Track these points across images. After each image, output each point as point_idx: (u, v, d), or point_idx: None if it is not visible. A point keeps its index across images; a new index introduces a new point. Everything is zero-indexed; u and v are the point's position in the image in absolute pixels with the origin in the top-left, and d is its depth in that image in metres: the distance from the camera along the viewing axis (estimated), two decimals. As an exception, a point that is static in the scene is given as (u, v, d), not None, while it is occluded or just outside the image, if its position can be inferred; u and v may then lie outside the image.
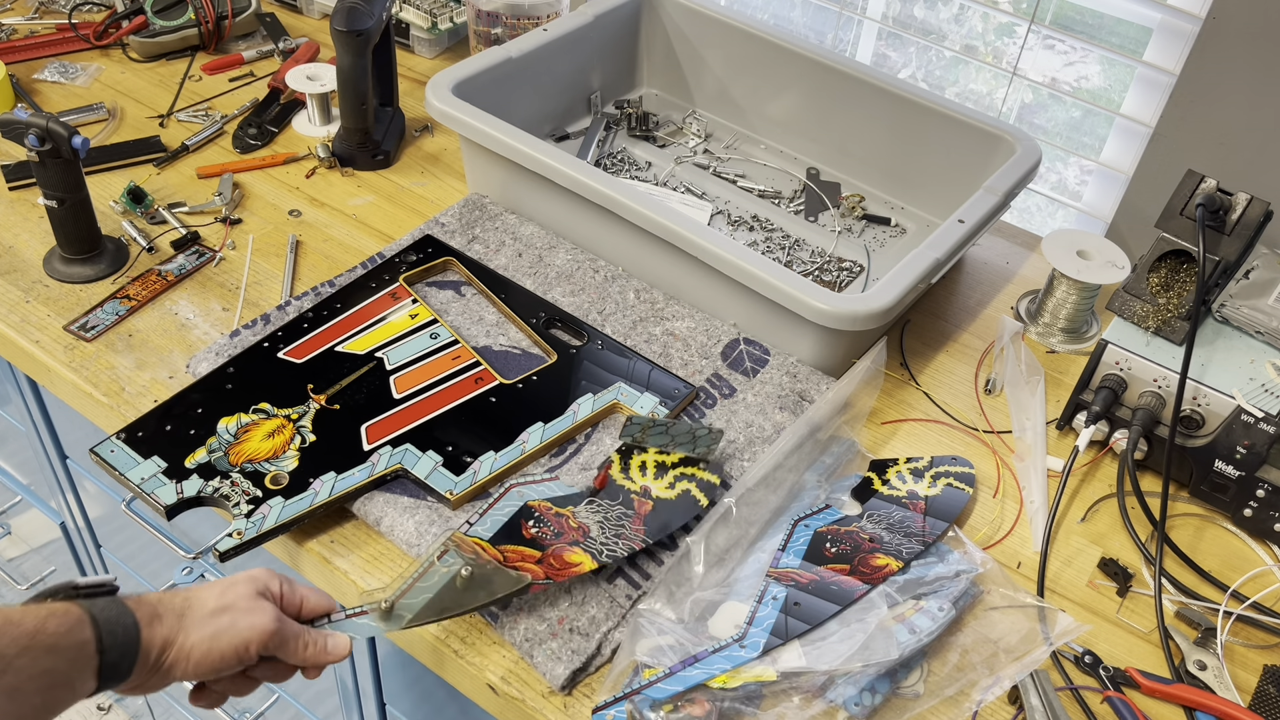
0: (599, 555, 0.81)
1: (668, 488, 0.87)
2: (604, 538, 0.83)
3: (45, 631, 0.58)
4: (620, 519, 0.85)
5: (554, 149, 1.07)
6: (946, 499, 0.90)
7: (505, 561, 0.79)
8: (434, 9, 1.43)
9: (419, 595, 0.75)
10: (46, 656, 0.57)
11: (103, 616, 0.61)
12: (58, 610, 0.60)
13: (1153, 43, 1.17)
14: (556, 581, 0.79)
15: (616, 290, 1.07)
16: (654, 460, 0.89)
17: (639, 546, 0.83)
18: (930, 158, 1.21)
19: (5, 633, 0.56)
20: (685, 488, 0.87)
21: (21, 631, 0.57)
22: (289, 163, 1.25)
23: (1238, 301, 0.97)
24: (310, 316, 1.01)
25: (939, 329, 1.12)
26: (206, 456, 0.87)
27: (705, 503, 0.86)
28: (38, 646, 0.57)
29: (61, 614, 0.59)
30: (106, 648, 0.60)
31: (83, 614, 0.60)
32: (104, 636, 0.60)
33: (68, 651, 0.59)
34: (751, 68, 1.31)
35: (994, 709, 0.78)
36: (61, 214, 1.04)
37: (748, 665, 0.75)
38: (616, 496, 0.87)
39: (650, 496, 0.87)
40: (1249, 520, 0.92)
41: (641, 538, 0.83)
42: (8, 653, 0.55)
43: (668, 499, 0.87)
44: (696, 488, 0.87)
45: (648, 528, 0.84)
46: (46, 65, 1.37)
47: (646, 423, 0.91)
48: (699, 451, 0.89)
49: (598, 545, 0.82)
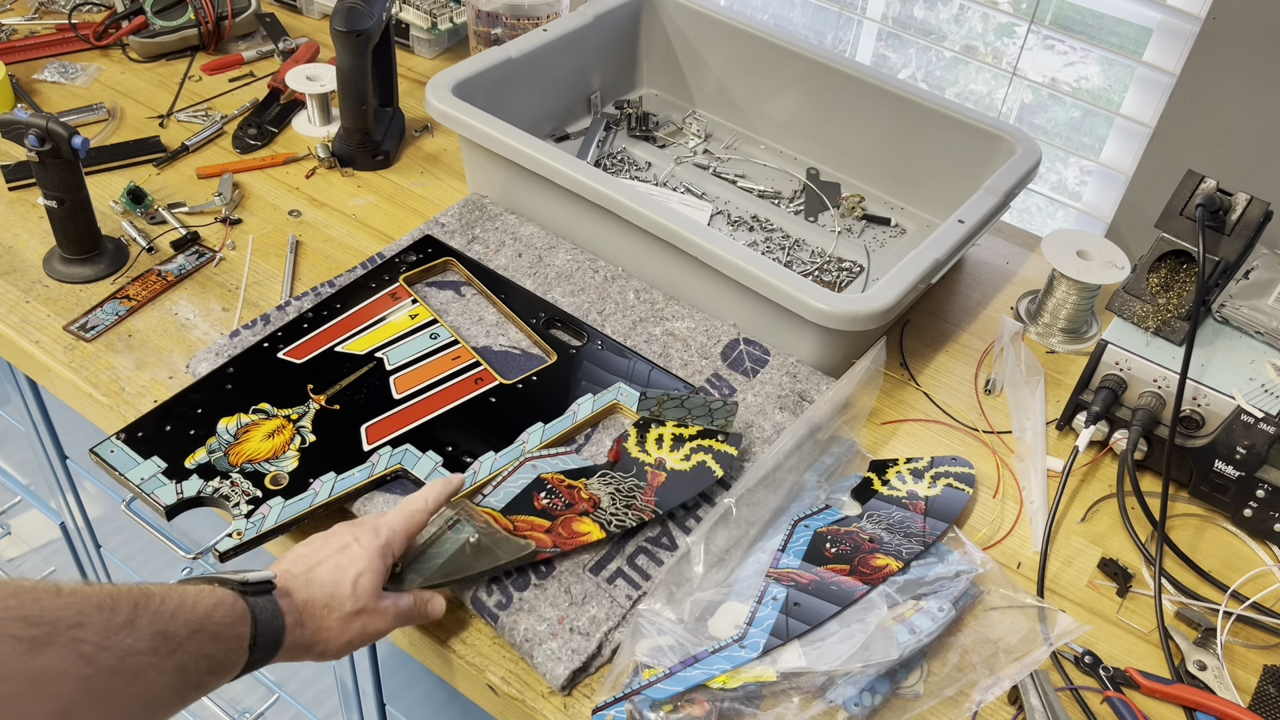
0: (607, 525, 0.83)
1: (683, 459, 0.88)
2: (614, 508, 0.84)
3: (212, 620, 0.62)
4: (632, 490, 0.86)
5: (554, 149, 1.07)
6: (946, 499, 0.90)
7: (515, 531, 0.82)
8: (434, 9, 1.44)
9: (429, 561, 0.79)
10: (210, 643, 0.62)
11: (261, 617, 0.66)
12: (225, 602, 0.64)
13: (1153, 43, 1.17)
14: (564, 550, 0.81)
15: (616, 290, 1.07)
16: (671, 433, 0.90)
17: (648, 517, 0.84)
18: (930, 158, 1.21)
19: (180, 615, 0.60)
20: (701, 459, 0.88)
21: (193, 616, 0.61)
22: (289, 163, 1.25)
23: (1238, 302, 0.97)
24: (310, 317, 1.01)
25: (939, 329, 1.12)
26: (206, 457, 0.87)
27: (720, 474, 0.87)
28: (204, 632, 0.61)
29: (229, 607, 0.64)
30: (258, 645, 0.65)
31: (246, 611, 0.65)
32: (258, 635, 0.65)
33: (228, 642, 0.63)
34: (751, 68, 1.31)
35: (994, 709, 0.78)
36: (61, 214, 1.04)
37: (748, 666, 0.75)
38: (630, 469, 0.88)
39: (665, 469, 0.88)
40: (1249, 520, 0.92)
41: (652, 508, 0.84)
42: (180, 634, 0.60)
43: (682, 470, 0.88)
44: (713, 459, 0.88)
45: (659, 498, 0.85)
46: (46, 65, 1.37)
47: (662, 396, 0.93)
48: (716, 423, 0.91)
49: (607, 515, 0.84)
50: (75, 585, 0.57)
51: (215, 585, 0.65)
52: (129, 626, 0.57)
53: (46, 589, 0.55)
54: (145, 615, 0.58)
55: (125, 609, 0.57)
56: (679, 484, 0.87)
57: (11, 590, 0.54)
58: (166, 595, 0.61)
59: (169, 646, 0.59)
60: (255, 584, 0.67)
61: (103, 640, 0.55)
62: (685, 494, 0.86)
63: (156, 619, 0.59)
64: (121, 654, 0.56)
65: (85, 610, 0.55)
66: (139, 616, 0.58)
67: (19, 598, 0.53)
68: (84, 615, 0.55)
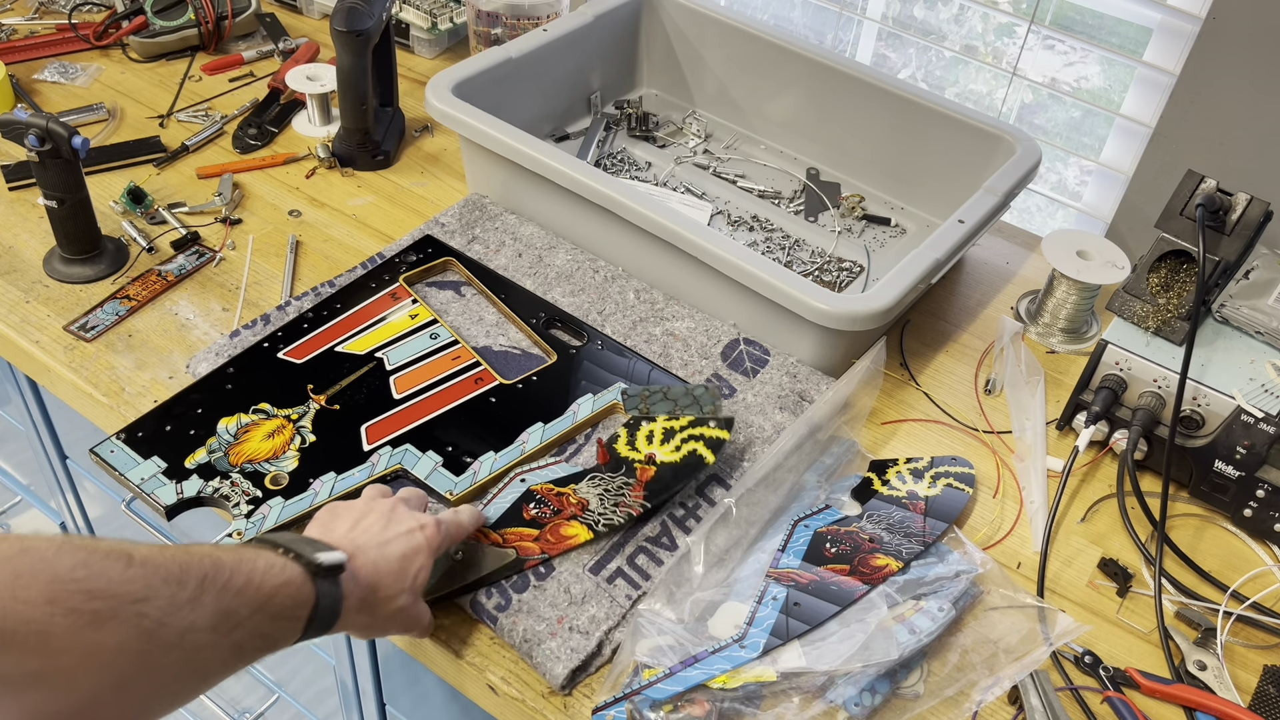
0: (595, 525, 0.83)
1: (673, 450, 0.88)
2: (602, 508, 0.84)
3: (275, 600, 0.62)
4: (621, 489, 0.86)
5: (554, 149, 1.07)
6: (946, 499, 0.90)
7: (504, 543, 0.82)
8: (434, 9, 1.44)
9: None
10: (268, 622, 0.62)
11: (323, 602, 0.65)
12: (293, 583, 0.63)
13: (1153, 43, 1.17)
14: (552, 555, 0.81)
15: (616, 290, 1.07)
16: (662, 427, 0.90)
17: (636, 512, 0.84)
18: (930, 158, 1.21)
19: (245, 593, 0.60)
20: (692, 448, 0.88)
21: (259, 595, 0.61)
22: (289, 163, 1.25)
23: (1238, 301, 0.97)
24: (310, 317, 1.01)
25: (939, 329, 1.12)
26: (206, 457, 0.87)
27: (711, 459, 0.87)
28: (265, 611, 0.61)
29: (295, 589, 0.63)
30: (312, 626, 0.65)
31: (311, 594, 0.64)
32: (316, 618, 0.65)
33: (286, 622, 0.63)
34: (751, 68, 1.31)
35: (994, 709, 0.78)
36: (61, 214, 1.04)
37: (748, 666, 0.75)
38: (619, 468, 0.88)
39: (655, 462, 0.87)
40: (1249, 520, 0.92)
41: (640, 503, 0.84)
42: (241, 612, 0.59)
43: (671, 461, 0.87)
44: (704, 445, 0.88)
45: (648, 492, 0.85)
46: (46, 65, 1.37)
47: (644, 392, 0.93)
48: (706, 410, 0.91)
49: (595, 516, 0.84)
50: (147, 552, 0.56)
51: (288, 559, 0.64)
52: (193, 603, 0.57)
53: (118, 556, 0.55)
54: (211, 592, 0.58)
55: (193, 583, 0.57)
56: (668, 475, 0.86)
57: (81, 559, 0.53)
58: (236, 569, 0.60)
59: (229, 624, 0.59)
60: (328, 567, 0.66)
61: (165, 616, 0.55)
62: (675, 485, 0.86)
63: (222, 596, 0.58)
64: (182, 630, 0.56)
65: (152, 584, 0.55)
66: (205, 593, 0.57)
67: (88, 568, 0.53)
68: (150, 589, 0.55)
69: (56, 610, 0.51)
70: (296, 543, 0.66)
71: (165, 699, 0.57)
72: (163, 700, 0.57)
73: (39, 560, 0.52)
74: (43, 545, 0.53)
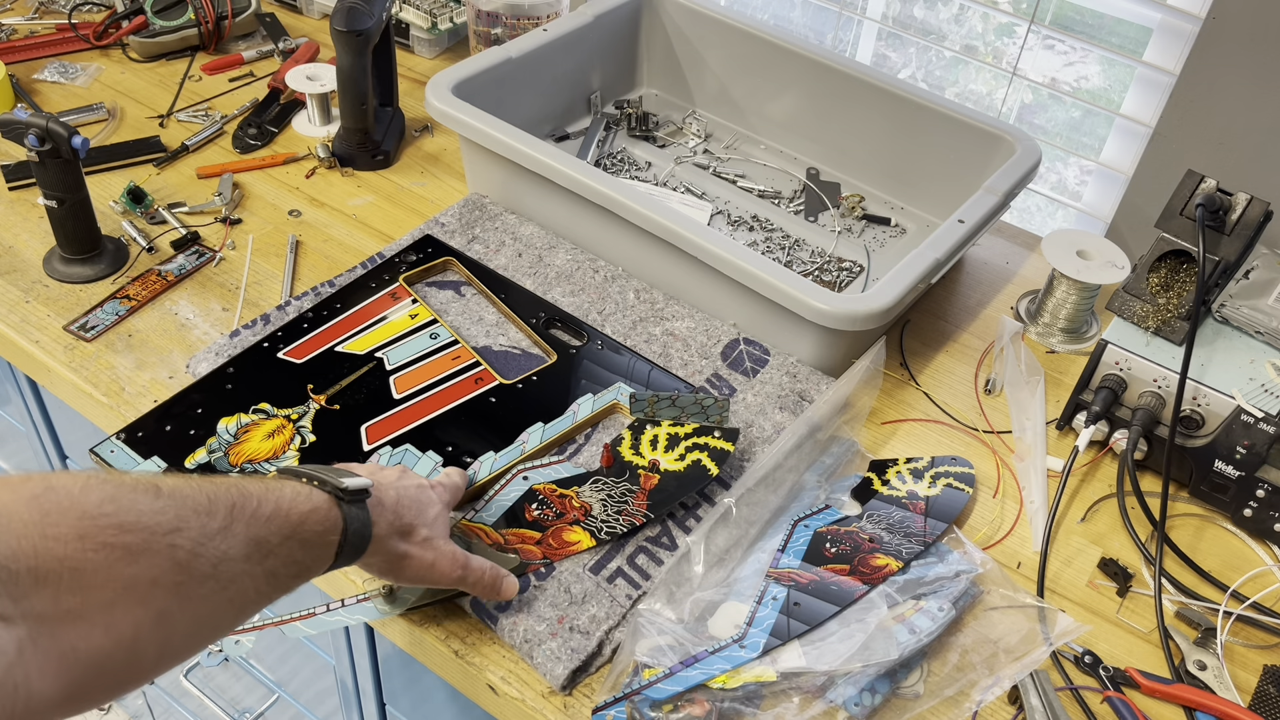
0: (598, 533, 0.83)
1: (678, 459, 0.88)
2: (605, 515, 0.84)
3: (305, 527, 0.62)
4: (624, 495, 0.86)
5: (554, 149, 1.07)
6: (946, 499, 0.90)
7: (506, 545, 0.82)
8: (434, 9, 1.43)
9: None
10: (300, 549, 0.62)
11: (352, 526, 0.65)
12: (320, 508, 0.63)
13: (1153, 43, 1.17)
14: (554, 561, 0.81)
15: (616, 290, 1.07)
16: (666, 433, 0.90)
17: (639, 522, 0.84)
18: (930, 158, 1.21)
19: (274, 520, 0.60)
20: (696, 458, 0.88)
21: (288, 523, 0.61)
22: (289, 163, 1.25)
23: (1238, 301, 0.97)
24: (310, 316, 1.01)
25: (939, 329, 1.12)
26: (206, 457, 0.87)
27: (715, 471, 0.87)
28: (296, 539, 0.61)
29: (323, 515, 0.64)
30: (343, 552, 0.65)
31: (340, 519, 0.65)
32: (346, 543, 0.65)
33: (317, 549, 0.63)
34: (751, 68, 1.31)
35: (994, 709, 0.78)
36: (61, 214, 1.03)
37: (748, 665, 0.75)
38: (623, 473, 0.88)
39: (658, 470, 0.87)
40: (1249, 520, 0.92)
41: (643, 513, 0.84)
42: (272, 540, 0.60)
43: (675, 471, 0.87)
44: (708, 457, 0.88)
45: (651, 502, 0.85)
46: (46, 65, 1.37)
47: (652, 397, 0.93)
48: (712, 419, 0.90)
49: (598, 523, 0.84)
50: (174, 484, 0.56)
51: (313, 487, 0.64)
52: (224, 532, 0.57)
53: (146, 489, 0.54)
54: (241, 520, 0.58)
55: (222, 512, 0.57)
56: (671, 485, 0.86)
57: (110, 494, 0.52)
58: (264, 498, 0.60)
59: (261, 552, 0.59)
60: (353, 491, 0.66)
61: (198, 547, 0.55)
62: (679, 495, 0.86)
63: (252, 524, 0.58)
64: (215, 560, 0.56)
65: (183, 515, 0.55)
66: (234, 522, 0.57)
67: (117, 503, 0.52)
68: (181, 520, 0.55)
69: (88, 545, 0.50)
70: (320, 470, 0.67)
71: (205, 631, 0.57)
72: (203, 633, 0.57)
73: (65, 497, 0.51)
74: (68, 481, 0.52)
